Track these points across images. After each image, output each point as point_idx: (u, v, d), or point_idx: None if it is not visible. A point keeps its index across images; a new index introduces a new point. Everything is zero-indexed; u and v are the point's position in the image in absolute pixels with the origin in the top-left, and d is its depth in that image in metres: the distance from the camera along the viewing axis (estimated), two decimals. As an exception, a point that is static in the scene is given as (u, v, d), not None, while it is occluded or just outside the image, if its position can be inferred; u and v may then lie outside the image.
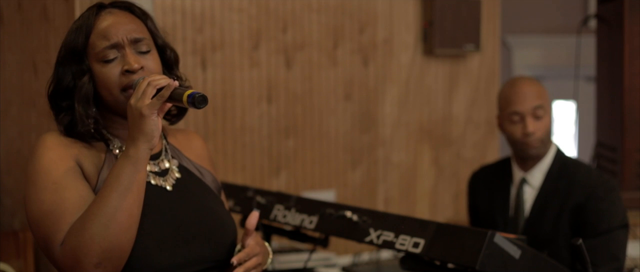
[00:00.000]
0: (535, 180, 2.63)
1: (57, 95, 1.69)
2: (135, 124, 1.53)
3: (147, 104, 1.52)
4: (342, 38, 3.38)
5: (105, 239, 1.50)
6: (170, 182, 1.71)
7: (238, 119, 3.17)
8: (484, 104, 3.77)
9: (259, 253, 1.72)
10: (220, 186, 1.88)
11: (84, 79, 1.65)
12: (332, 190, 3.39)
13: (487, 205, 2.75)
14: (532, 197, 2.63)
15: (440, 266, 1.93)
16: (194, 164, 1.81)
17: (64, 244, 1.52)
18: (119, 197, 1.52)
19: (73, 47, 1.66)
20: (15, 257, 2.87)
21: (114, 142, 1.69)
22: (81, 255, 1.50)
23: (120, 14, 1.69)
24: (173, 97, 1.54)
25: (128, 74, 1.63)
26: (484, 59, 3.75)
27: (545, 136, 2.59)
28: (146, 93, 1.53)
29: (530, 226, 2.59)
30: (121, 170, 1.54)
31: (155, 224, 1.61)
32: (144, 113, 1.52)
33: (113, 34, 1.64)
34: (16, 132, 3.14)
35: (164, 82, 1.54)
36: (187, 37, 3.03)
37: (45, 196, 1.56)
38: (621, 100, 3.43)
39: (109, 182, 1.54)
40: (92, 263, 1.50)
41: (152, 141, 1.54)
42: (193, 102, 1.52)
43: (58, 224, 1.53)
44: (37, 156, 1.61)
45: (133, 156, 1.54)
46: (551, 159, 2.63)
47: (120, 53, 1.65)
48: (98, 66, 1.65)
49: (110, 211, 1.51)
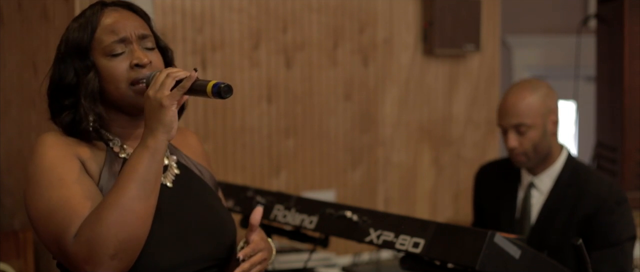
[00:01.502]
0: (544, 185, 2.60)
1: (59, 93, 1.68)
2: (154, 114, 1.54)
3: (168, 95, 1.53)
4: (342, 38, 3.38)
5: (122, 230, 1.49)
6: (170, 179, 1.71)
7: (238, 119, 3.17)
8: (484, 104, 3.76)
9: (264, 249, 1.72)
10: (217, 183, 1.88)
11: (90, 75, 1.65)
12: (332, 190, 3.39)
13: (493, 205, 2.72)
14: (540, 203, 2.60)
15: (440, 266, 1.93)
16: (191, 161, 1.81)
17: (78, 236, 1.50)
18: (137, 187, 1.51)
19: (77, 44, 1.66)
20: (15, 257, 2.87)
21: (114, 141, 1.69)
22: (97, 246, 1.48)
23: (124, 12, 1.70)
24: (194, 88, 1.55)
25: (137, 68, 1.63)
26: (484, 59, 3.75)
27: (530, 150, 2.54)
28: (165, 84, 1.54)
29: (536, 233, 2.56)
30: (139, 160, 1.53)
31: (156, 221, 1.61)
32: (165, 104, 1.53)
33: (121, 28, 1.65)
34: (16, 132, 3.14)
35: (183, 74, 1.56)
36: (187, 37, 3.03)
37: (52, 192, 1.56)
38: (621, 100, 3.43)
39: (126, 172, 1.53)
40: (108, 254, 1.48)
41: (171, 131, 1.55)
42: (219, 92, 1.52)
43: (70, 218, 1.52)
44: (39, 155, 1.61)
45: (151, 146, 1.54)
46: (562, 164, 2.59)
47: (127, 48, 1.65)
48: (104, 60, 1.65)
49: (128, 201, 1.50)
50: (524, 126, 2.53)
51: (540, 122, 2.54)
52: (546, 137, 2.56)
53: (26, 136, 3.07)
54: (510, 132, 2.55)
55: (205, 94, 1.54)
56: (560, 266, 1.98)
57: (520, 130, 2.53)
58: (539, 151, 2.55)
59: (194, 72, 1.56)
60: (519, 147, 2.54)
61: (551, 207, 2.56)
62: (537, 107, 2.54)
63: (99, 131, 1.68)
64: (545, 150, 2.57)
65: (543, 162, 2.60)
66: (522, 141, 2.54)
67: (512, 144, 2.54)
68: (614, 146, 3.52)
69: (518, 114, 2.53)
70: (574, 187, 2.53)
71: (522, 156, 2.56)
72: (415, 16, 3.56)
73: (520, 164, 2.58)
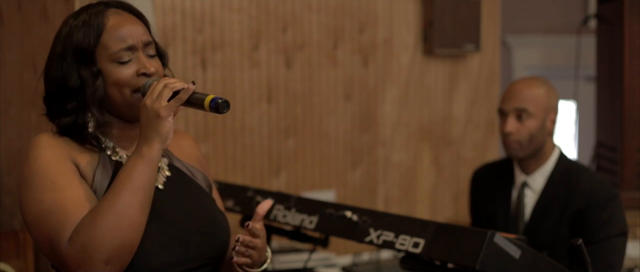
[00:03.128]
0: (537, 184, 2.62)
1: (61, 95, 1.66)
2: (151, 124, 1.55)
3: (165, 106, 1.54)
4: (342, 38, 3.38)
5: (117, 236, 1.50)
6: (161, 181, 1.72)
7: (238, 119, 3.17)
8: (484, 104, 3.77)
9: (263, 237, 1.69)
10: (211, 184, 1.87)
11: (98, 82, 1.64)
12: (332, 190, 3.39)
13: (488, 206, 2.75)
14: (533, 201, 2.61)
15: (440, 266, 1.93)
16: (183, 164, 1.82)
17: (72, 241, 1.51)
18: (131, 194, 1.53)
19: (82, 47, 1.64)
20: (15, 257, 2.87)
21: (107, 144, 1.69)
22: (92, 251, 1.49)
23: (127, 16, 1.69)
24: (191, 101, 1.56)
25: (143, 76, 1.64)
26: (484, 59, 3.75)
27: (525, 139, 2.56)
28: (162, 95, 1.55)
29: (530, 230, 2.57)
30: (133, 168, 1.55)
31: (149, 222, 1.61)
32: (162, 114, 1.54)
33: (129, 36, 1.65)
34: (16, 132, 3.14)
35: (180, 85, 1.56)
36: (187, 37, 3.03)
37: (45, 195, 1.56)
38: (621, 100, 3.43)
39: (120, 179, 1.54)
40: (102, 260, 1.50)
41: (166, 141, 1.56)
42: (216, 107, 1.54)
43: (63, 222, 1.53)
44: (33, 157, 1.61)
45: (147, 155, 1.55)
46: (554, 163, 2.61)
47: (134, 55, 1.65)
48: (111, 66, 1.64)
49: (123, 208, 1.51)
50: (525, 112, 2.55)
51: (541, 115, 2.57)
52: (543, 132, 2.58)
53: (26, 136, 3.07)
54: (510, 117, 2.58)
55: (202, 108, 1.55)
56: (560, 266, 1.98)
57: (521, 117, 2.56)
58: (533, 142, 2.57)
59: (191, 84, 1.56)
60: (515, 133, 2.56)
61: (543, 205, 2.58)
62: (541, 99, 2.57)
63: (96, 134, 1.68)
64: (539, 144, 2.58)
65: (535, 160, 2.61)
66: (520, 128, 2.56)
67: (510, 128, 2.56)
68: (614, 146, 3.52)
69: (523, 99, 2.56)
70: (566, 185, 2.55)
71: (516, 143, 2.57)
72: (415, 16, 3.56)
73: (512, 151, 2.59)
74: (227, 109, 1.55)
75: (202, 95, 1.56)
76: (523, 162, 2.63)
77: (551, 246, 2.49)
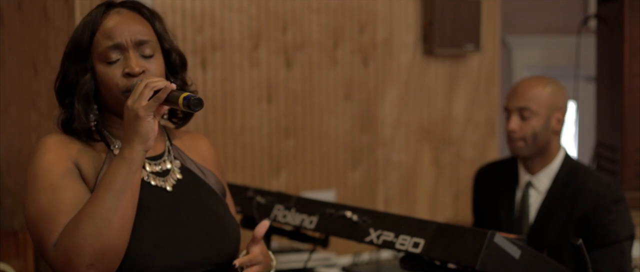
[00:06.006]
0: (542, 185, 2.61)
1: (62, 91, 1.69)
2: (131, 125, 1.54)
3: (144, 106, 1.52)
4: (342, 38, 3.38)
5: (98, 240, 1.50)
6: (171, 183, 1.70)
7: (238, 119, 3.17)
8: (484, 104, 3.77)
9: (262, 262, 1.70)
10: (224, 189, 1.86)
11: (86, 78, 1.65)
12: (332, 190, 3.39)
13: (492, 205, 2.73)
14: (538, 202, 2.60)
15: (440, 266, 1.93)
16: (197, 165, 1.80)
17: (57, 245, 1.52)
18: (113, 198, 1.52)
19: (78, 44, 1.66)
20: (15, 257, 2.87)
21: (115, 143, 1.69)
22: (73, 256, 1.49)
23: (128, 15, 1.68)
24: (169, 99, 1.54)
25: (129, 77, 1.62)
26: (484, 59, 3.75)
27: (529, 137, 2.56)
28: (143, 95, 1.53)
29: (534, 232, 2.56)
30: (116, 171, 1.53)
31: (153, 225, 1.61)
32: (140, 115, 1.52)
33: (117, 34, 1.64)
34: (16, 132, 3.13)
35: (161, 84, 1.54)
36: (187, 37, 3.03)
37: (42, 197, 1.56)
38: (621, 100, 3.43)
39: (103, 183, 1.54)
40: (85, 264, 1.50)
41: (147, 142, 1.54)
42: (188, 105, 1.52)
43: (52, 225, 1.53)
44: (36, 158, 1.61)
45: (128, 157, 1.54)
46: (559, 164, 2.60)
47: (123, 55, 1.64)
48: (101, 66, 1.64)
49: (104, 213, 1.50)
50: (528, 111, 2.56)
51: (545, 113, 2.57)
52: (547, 130, 2.58)
53: (26, 136, 3.07)
54: (514, 115, 2.59)
55: (177, 106, 1.54)
56: (560, 266, 1.98)
57: (524, 115, 2.57)
58: (537, 141, 2.57)
59: (171, 83, 1.55)
60: (518, 131, 2.57)
61: (549, 206, 2.56)
62: (545, 98, 2.57)
63: (101, 132, 1.68)
64: (544, 143, 2.58)
65: (540, 160, 2.61)
66: (523, 126, 2.57)
67: (513, 126, 2.57)
68: (614, 146, 3.52)
69: (526, 98, 2.57)
70: (572, 187, 2.54)
71: (520, 141, 2.58)
72: (415, 16, 3.56)
73: (516, 149, 2.60)
74: (200, 107, 1.53)
75: (178, 93, 1.54)
76: (528, 161, 2.63)
77: (557, 248, 2.47)
